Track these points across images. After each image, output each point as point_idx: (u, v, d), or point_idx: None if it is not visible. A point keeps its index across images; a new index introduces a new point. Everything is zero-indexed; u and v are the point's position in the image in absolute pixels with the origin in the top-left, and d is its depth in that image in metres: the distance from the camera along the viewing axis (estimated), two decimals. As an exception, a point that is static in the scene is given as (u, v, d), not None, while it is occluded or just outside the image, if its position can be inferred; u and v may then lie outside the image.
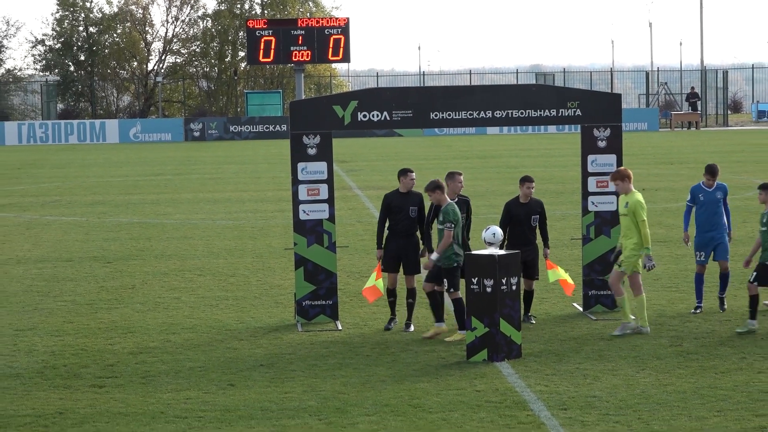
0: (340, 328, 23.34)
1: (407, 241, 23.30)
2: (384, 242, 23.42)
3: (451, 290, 22.07)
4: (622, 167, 23.18)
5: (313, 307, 23.80)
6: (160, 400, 18.30)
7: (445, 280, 22.08)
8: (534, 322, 23.44)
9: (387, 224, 23.41)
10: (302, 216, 23.83)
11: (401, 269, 23.40)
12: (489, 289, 20.43)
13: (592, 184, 24.47)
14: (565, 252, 29.62)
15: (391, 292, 23.38)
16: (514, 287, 20.60)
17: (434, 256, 22.01)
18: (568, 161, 59.18)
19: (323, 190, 23.83)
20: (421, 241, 23.60)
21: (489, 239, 20.98)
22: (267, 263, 31.02)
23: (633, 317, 22.25)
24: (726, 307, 24.15)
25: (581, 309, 24.50)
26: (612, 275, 22.69)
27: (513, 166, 56.75)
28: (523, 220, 23.20)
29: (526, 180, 23.68)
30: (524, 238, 23.10)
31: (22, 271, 31.04)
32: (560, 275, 23.65)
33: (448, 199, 22.26)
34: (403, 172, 23.64)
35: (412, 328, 23.20)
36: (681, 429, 16.35)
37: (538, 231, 23.71)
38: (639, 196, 22.53)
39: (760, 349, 20.92)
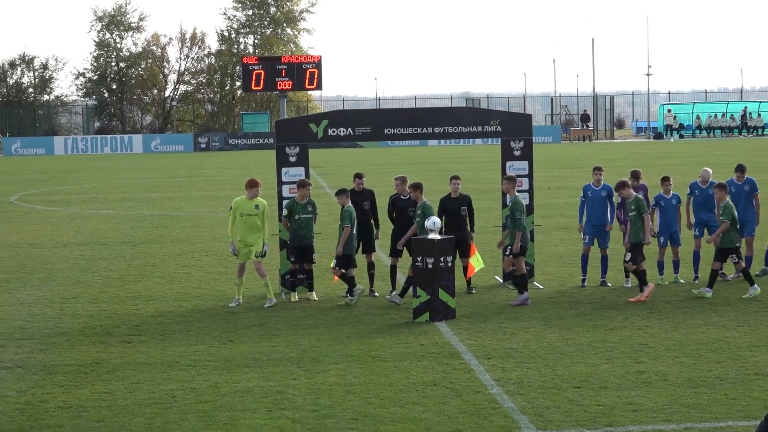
0: (315, 296, 23.27)
1: (364, 228, 23.31)
2: None
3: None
4: (250, 177, 23.33)
5: (294, 280, 23.73)
6: (175, 353, 18.25)
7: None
8: (474, 292, 23.42)
9: None
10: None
11: (361, 249, 23.45)
12: (430, 266, 20.44)
13: (509, 184, 24.48)
14: (488, 236, 29.60)
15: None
16: (449, 264, 20.63)
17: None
18: (491, 166, 59.20)
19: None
20: (374, 227, 23.65)
21: (430, 227, 20.97)
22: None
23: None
24: (608, 282, 24.19)
25: (501, 281, 24.51)
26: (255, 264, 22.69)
27: (448, 170, 56.61)
28: (454, 211, 23.15)
29: (453, 178, 23.67)
30: (455, 225, 23.02)
31: (67, 253, 30.91)
32: (475, 260, 23.56)
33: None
34: (355, 176, 23.82)
35: (376, 294, 23.19)
36: (579, 373, 16.38)
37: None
38: (262, 201, 22.79)
39: (639, 311, 20.99)
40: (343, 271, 22.43)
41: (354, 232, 22.47)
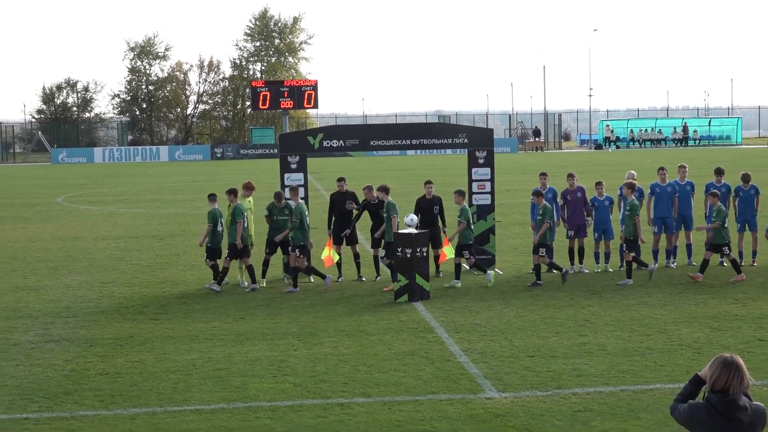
0: (312, 281, 23.27)
1: (347, 224, 23.34)
2: (332, 225, 23.47)
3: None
4: (248, 180, 23.96)
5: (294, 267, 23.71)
6: (196, 328, 18.24)
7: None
8: (441, 275, 23.45)
9: (334, 213, 23.52)
10: (288, 208, 23.77)
11: (345, 241, 23.47)
12: (408, 255, 20.45)
13: (474, 186, 24.52)
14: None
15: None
16: (424, 254, 20.64)
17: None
18: (459, 172, 59.25)
19: (301, 191, 23.76)
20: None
21: (408, 222, 21.03)
22: (264, 239, 30.83)
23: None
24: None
25: (468, 267, 24.52)
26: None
27: (424, 176, 56.80)
28: (427, 210, 23.21)
29: (427, 183, 23.75)
30: (429, 221, 23.10)
31: (105, 245, 30.86)
32: (447, 250, 23.56)
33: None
34: (337, 181, 23.90)
35: (363, 278, 23.20)
36: (532, 344, 16.42)
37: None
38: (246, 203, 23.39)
39: (583, 293, 21.05)
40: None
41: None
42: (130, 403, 13.53)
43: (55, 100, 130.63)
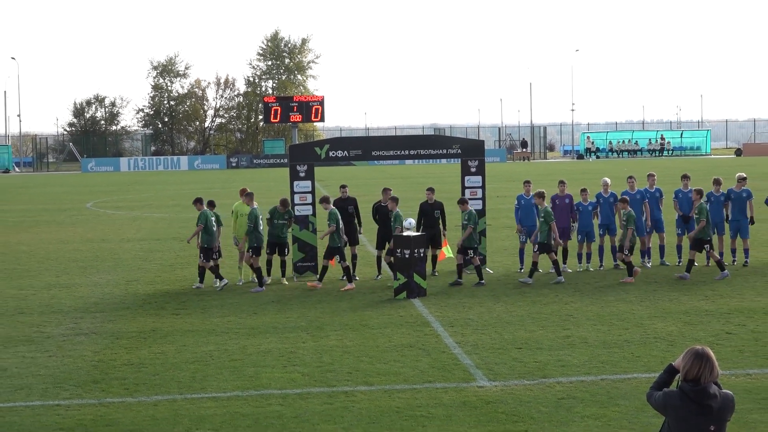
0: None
1: (349, 227, 23.30)
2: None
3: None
4: (243, 187, 23.99)
5: (303, 267, 23.73)
6: (213, 323, 18.22)
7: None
8: (437, 274, 23.44)
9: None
10: (297, 212, 23.77)
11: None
12: (407, 255, 20.43)
13: (467, 193, 24.49)
14: (451, 234, 29.62)
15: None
16: (422, 254, 20.62)
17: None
18: (454, 179, 59.32)
19: (308, 197, 23.76)
20: (358, 224, 23.66)
21: (407, 226, 21.06)
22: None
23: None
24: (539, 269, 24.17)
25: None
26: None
27: (421, 183, 56.83)
28: (429, 213, 23.28)
29: (428, 190, 23.76)
30: (430, 224, 23.17)
31: (130, 246, 30.85)
32: (446, 250, 23.60)
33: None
34: (340, 187, 23.86)
35: (357, 278, 23.14)
36: (520, 337, 16.39)
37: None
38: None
39: (566, 290, 21.02)
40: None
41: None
42: (152, 391, 13.52)
43: (85, 114, 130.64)
